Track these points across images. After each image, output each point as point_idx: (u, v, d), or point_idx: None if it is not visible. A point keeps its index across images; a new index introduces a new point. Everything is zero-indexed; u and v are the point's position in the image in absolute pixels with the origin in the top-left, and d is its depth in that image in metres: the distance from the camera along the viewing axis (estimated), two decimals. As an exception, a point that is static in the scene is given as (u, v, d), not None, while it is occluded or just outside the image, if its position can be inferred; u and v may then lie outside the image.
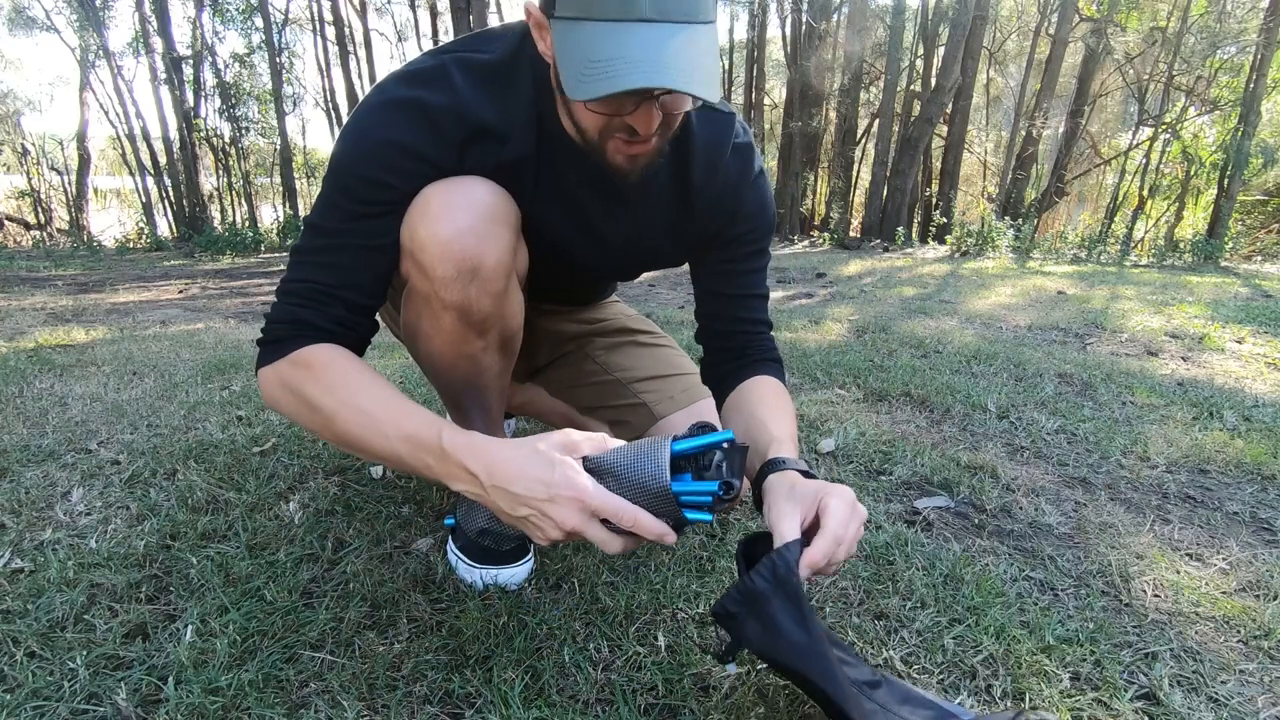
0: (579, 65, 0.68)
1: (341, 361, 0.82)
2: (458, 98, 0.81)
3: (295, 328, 0.83)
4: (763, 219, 1.00)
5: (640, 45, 0.66)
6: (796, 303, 4.07)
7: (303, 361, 0.82)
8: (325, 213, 0.83)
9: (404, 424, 0.77)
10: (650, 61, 0.66)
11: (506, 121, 0.84)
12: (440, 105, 0.80)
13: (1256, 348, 2.83)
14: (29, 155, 13.36)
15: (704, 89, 0.67)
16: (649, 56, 0.66)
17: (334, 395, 0.79)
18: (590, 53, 0.67)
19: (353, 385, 0.80)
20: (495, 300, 0.89)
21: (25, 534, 1.10)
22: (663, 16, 0.67)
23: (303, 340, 0.83)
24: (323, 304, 0.84)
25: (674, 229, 0.98)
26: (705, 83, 0.68)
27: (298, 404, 0.81)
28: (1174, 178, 11.95)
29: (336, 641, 0.85)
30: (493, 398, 1.04)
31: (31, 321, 3.19)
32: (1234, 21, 10.57)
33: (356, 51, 12.57)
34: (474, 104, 0.82)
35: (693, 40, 0.68)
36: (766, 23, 13.43)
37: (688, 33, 0.68)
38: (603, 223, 0.94)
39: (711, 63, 0.70)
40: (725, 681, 0.80)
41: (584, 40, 0.68)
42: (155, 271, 6.14)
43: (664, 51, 0.66)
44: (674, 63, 0.66)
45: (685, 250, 1.03)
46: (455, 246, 0.82)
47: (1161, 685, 0.81)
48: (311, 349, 0.82)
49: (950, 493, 1.33)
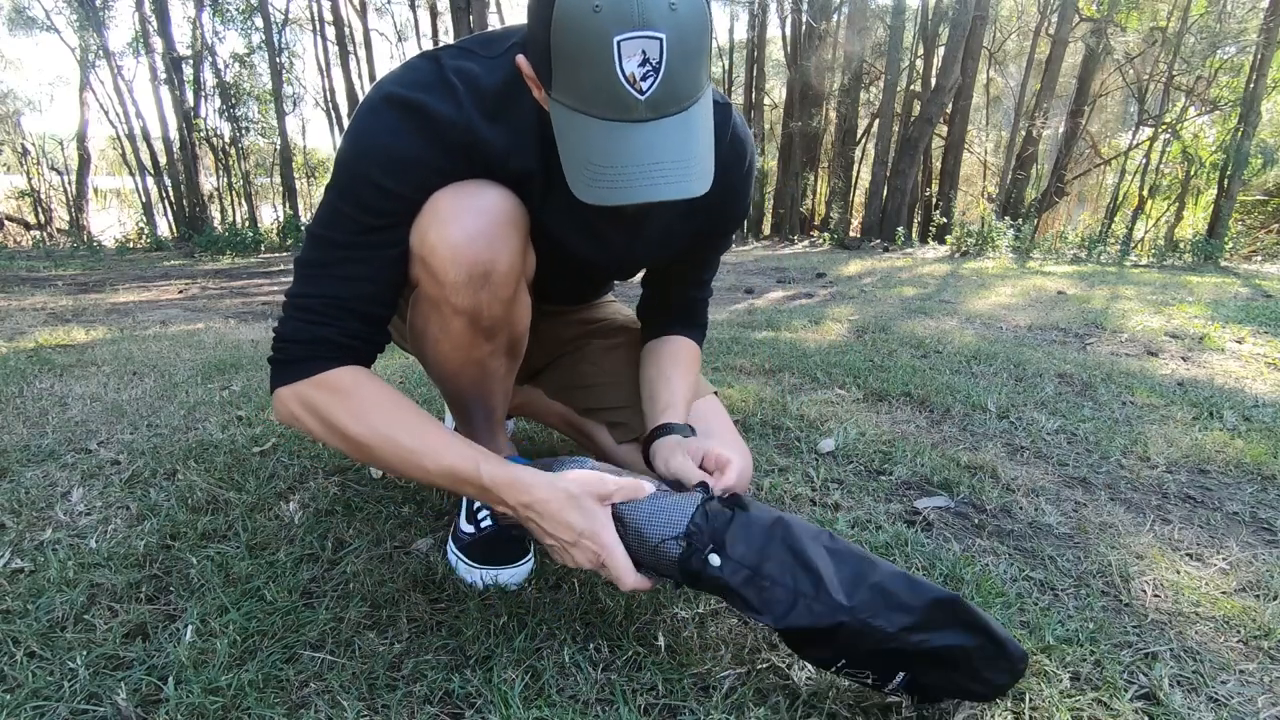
0: (579, 163, 0.70)
1: (367, 386, 0.83)
2: (462, 112, 0.80)
3: (312, 347, 0.82)
4: (743, 209, 1.03)
5: (637, 151, 0.68)
6: (796, 303, 4.07)
7: (328, 385, 0.82)
8: (333, 224, 0.82)
9: (443, 458, 0.80)
10: (650, 170, 0.68)
11: (510, 142, 0.83)
12: (445, 115, 0.79)
13: (1256, 348, 2.83)
14: (29, 155, 13.36)
15: (697, 184, 0.70)
16: (648, 163, 0.68)
17: (365, 423, 0.81)
18: (589, 154, 0.69)
19: (385, 413, 0.82)
20: (505, 305, 0.89)
21: (25, 534, 1.10)
22: (659, 114, 0.67)
23: (321, 360, 0.82)
24: (339, 319, 0.83)
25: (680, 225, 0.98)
26: (699, 175, 0.70)
27: (324, 428, 0.82)
28: (1174, 178, 11.94)
29: (336, 641, 0.85)
30: (497, 400, 1.04)
31: (31, 321, 3.19)
32: (1234, 21, 10.57)
33: (356, 51, 12.57)
34: (478, 122, 0.80)
35: (687, 128, 0.69)
36: (766, 23, 13.43)
37: (681, 120, 0.68)
38: (610, 228, 0.95)
39: (705, 139, 0.71)
40: (725, 681, 0.80)
41: (581, 137, 0.69)
42: (155, 271, 6.14)
43: (661, 155, 0.68)
44: (671, 166, 0.68)
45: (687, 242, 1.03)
46: (467, 251, 0.81)
47: (1161, 685, 0.81)
48: (336, 373, 0.82)
49: (950, 493, 1.33)
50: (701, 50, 0.68)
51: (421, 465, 0.81)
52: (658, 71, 0.65)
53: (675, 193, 0.68)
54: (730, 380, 2.10)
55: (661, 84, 0.66)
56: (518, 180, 0.85)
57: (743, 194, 1.00)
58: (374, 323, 0.86)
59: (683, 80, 0.67)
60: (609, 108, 0.67)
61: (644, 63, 0.64)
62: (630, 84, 0.65)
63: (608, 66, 0.64)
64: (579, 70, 0.66)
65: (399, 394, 0.85)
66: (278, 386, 0.84)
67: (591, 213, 0.90)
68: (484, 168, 0.83)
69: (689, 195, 0.69)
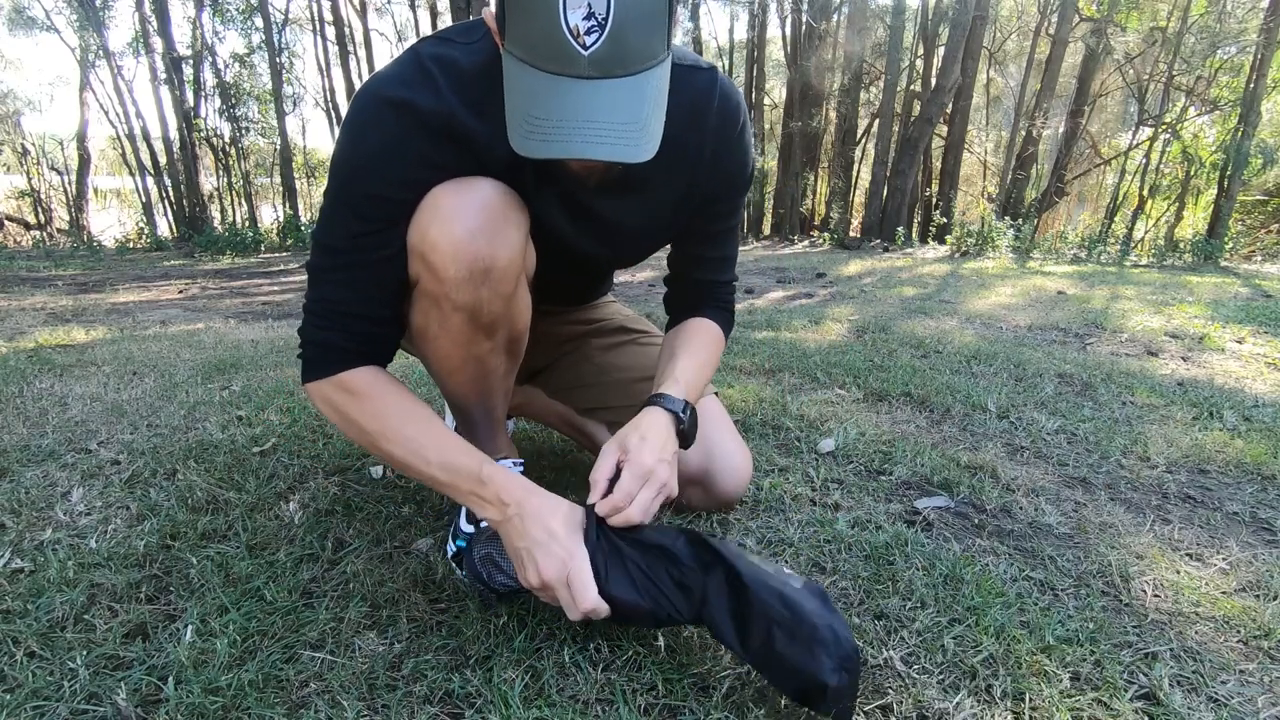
0: (520, 116, 0.69)
1: (381, 387, 0.89)
2: (444, 100, 0.80)
3: (324, 349, 0.88)
4: (744, 176, 1.01)
5: (576, 107, 0.66)
6: (796, 303, 4.07)
7: (346, 386, 0.88)
8: (330, 229, 0.84)
9: (446, 452, 0.85)
10: (586, 127, 0.66)
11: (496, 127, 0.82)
12: (425, 105, 0.80)
13: (1256, 348, 2.83)
14: (29, 155, 13.36)
15: (636, 151, 0.68)
16: (586, 120, 0.66)
17: (379, 420, 0.87)
18: (530, 106, 0.68)
19: (396, 411, 0.88)
20: (505, 301, 0.89)
21: (25, 534, 1.10)
22: (603, 74, 0.66)
23: (336, 364, 0.88)
24: (345, 324, 0.87)
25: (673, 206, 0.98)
26: (640, 142, 0.68)
27: (344, 423, 0.90)
28: (1174, 178, 11.94)
29: (336, 641, 0.85)
30: (497, 399, 1.04)
31: (31, 321, 3.19)
32: (1234, 21, 10.57)
33: (356, 51, 12.58)
34: (460, 108, 0.81)
35: (632, 94, 0.68)
36: (766, 23, 13.43)
37: (627, 87, 0.67)
38: (604, 211, 0.94)
39: (653, 111, 0.70)
40: (725, 681, 0.80)
41: (525, 89, 0.68)
42: (155, 271, 6.14)
43: (599, 114, 0.66)
44: (610, 127, 0.66)
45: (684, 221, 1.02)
46: (467, 248, 0.82)
47: (1161, 685, 0.81)
48: (352, 374, 0.89)
49: (950, 493, 1.33)
50: (655, 14, 0.67)
51: (424, 456, 0.85)
52: (603, 28, 0.64)
53: (610, 154, 0.67)
54: (730, 380, 2.10)
55: (607, 42, 0.65)
56: (509, 168, 0.85)
57: (740, 156, 0.97)
58: (382, 322, 0.89)
59: (633, 43, 0.66)
60: (552, 60, 0.66)
61: (589, 16, 0.64)
62: (574, 37, 0.64)
63: (553, 16, 0.64)
64: (528, 19, 0.66)
65: (412, 397, 0.90)
66: (305, 382, 0.91)
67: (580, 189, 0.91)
68: (472, 155, 0.84)
69: (626, 160, 0.68)
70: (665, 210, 0.97)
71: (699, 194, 0.97)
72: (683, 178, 0.95)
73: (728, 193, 1.01)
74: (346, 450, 1.47)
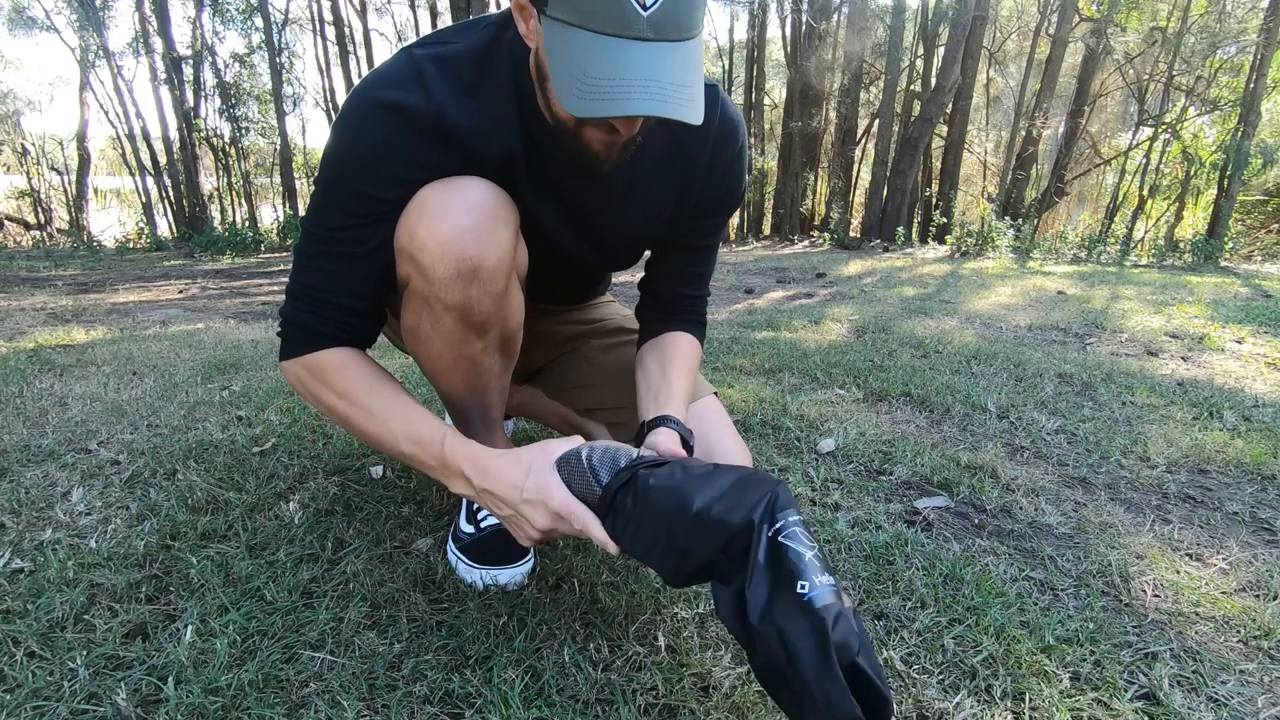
0: (575, 79, 0.68)
1: (351, 366, 0.89)
2: (433, 99, 0.80)
3: (300, 330, 0.90)
4: (734, 196, 1.02)
5: (637, 66, 0.66)
6: (796, 303, 4.07)
7: (314, 366, 0.89)
8: (316, 219, 0.85)
9: (411, 428, 0.85)
10: (648, 85, 0.66)
11: (487, 118, 0.83)
12: (413, 105, 0.80)
13: (1256, 348, 2.83)
14: (29, 155, 13.37)
15: (695, 113, 0.69)
16: (647, 79, 0.66)
17: (347, 399, 0.88)
18: (587, 67, 0.67)
19: (364, 389, 0.88)
20: (495, 301, 0.89)
21: (25, 534, 1.10)
22: (659, 36, 0.66)
23: (308, 344, 0.89)
24: (319, 309, 0.88)
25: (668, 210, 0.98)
26: (696, 105, 0.69)
27: (315, 401, 0.91)
28: (1174, 178, 11.94)
29: (336, 641, 0.85)
30: (493, 399, 1.04)
31: (31, 321, 3.19)
32: (1234, 21, 10.57)
33: (356, 51, 12.57)
34: (450, 104, 0.81)
35: (685, 59, 0.68)
36: (766, 23, 13.44)
37: (681, 51, 0.68)
38: (597, 212, 0.95)
39: (698, 80, 0.71)
40: (725, 681, 0.80)
41: (579, 52, 0.68)
42: (155, 271, 6.14)
43: (661, 74, 0.67)
44: (670, 87, 0.67)
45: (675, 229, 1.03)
46: (455, 247, 0.82)
47: (1161, 685, 0.81)
48: (322, 355, 0.89)
49: (950, 493, 1.33)
50: None
51: (391, 433, 0.86)
52: None
53: (675, 113, 0.67)
54: (730, 380, 2.10)
55: (666, 2, 0.65)
56: (501, 164, 0.86)
57: (734, 177, 0.99)
58: (354, 314, 0.90)
59: (685, 8, 0.67)
60: (610, 21, 0.66)
61: None
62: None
63: None
64: None
65: (384, 374, 0.90)
66: (281, 360, 0.92)
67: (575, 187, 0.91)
68: (462, 153, 0.84)
69: (687, 120, 0.68)
70: (662, 211, 0.98)
71: (693, 199, 0.98)
72: (681, 178, 0.95)
73: (716, 209, 1.02)
74: (346, 450, 1.47)
